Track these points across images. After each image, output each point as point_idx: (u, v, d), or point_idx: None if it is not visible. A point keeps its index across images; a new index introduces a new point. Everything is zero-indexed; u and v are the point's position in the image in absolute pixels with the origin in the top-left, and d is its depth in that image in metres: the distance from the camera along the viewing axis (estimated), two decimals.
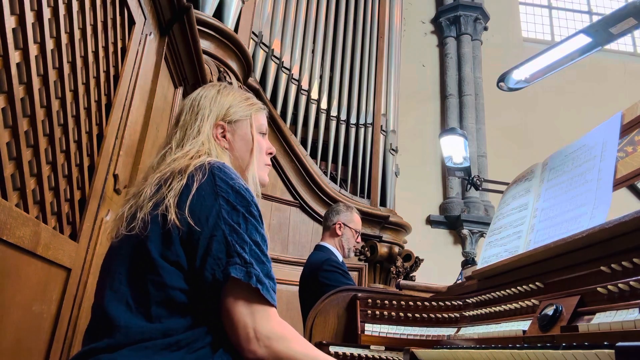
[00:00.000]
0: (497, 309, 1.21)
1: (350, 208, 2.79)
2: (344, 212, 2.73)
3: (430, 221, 6.74)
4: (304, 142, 4.21)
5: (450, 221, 6.69)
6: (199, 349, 0.87)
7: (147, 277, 0.88)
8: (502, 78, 2.39)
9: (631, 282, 0.81)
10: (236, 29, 2.69)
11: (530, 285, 1.13)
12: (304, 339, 0.93)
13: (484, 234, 5.87)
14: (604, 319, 0.82)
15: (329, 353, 1.46)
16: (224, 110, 1.13)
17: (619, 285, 0.84)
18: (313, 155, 4.25)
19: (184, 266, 0.89)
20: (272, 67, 4.07)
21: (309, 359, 0.89)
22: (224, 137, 1.12)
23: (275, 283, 0.93)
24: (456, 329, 1.38)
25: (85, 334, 0.93)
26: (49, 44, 0.99)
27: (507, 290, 1.20)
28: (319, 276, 2.43)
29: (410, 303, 1.50)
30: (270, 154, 1.23)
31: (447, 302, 1.47)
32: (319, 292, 2.38)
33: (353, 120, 4.60)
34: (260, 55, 3.98)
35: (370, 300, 1.53)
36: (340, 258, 2.64)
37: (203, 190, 0.91)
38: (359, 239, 2.77)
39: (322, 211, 3.94)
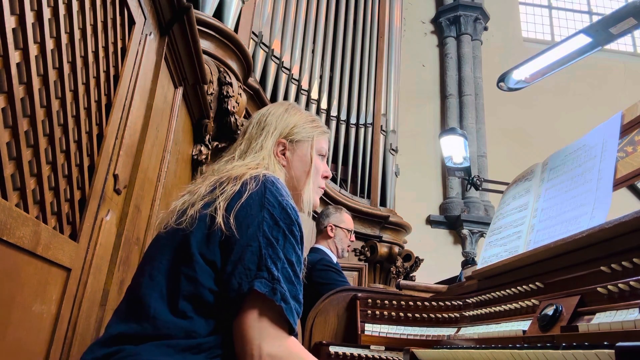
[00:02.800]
0: (497, 309, 1.21)
1: (339, 209, 2.89)
2: (334, 214, 2.82)
3: (430, 221, 6.74)
4: None
5: (450, 221, 6.70)
6: (217, 355, 0.86)
7: (181, 270, 0.89)
8: (502, 78, 2.39)
9: (631, 282, 0.81)
10: (236, 29, 2.69)
11: (530, 285, 1.13)
12: (313, 358, 0.90)
13: (484, 234, 5.87)
14: (604, 319, 0.82)
15: (328, 353, 1.46)
16: (288, 129, 1.16)
17: (619, 285, 0.84)
18: None
19: (217, 267, 0.90)
20: (272, 67, 4.07)
21: None
22: (284, 154, 1.15)
23: (302, 307, 0.91)
24: (456, 329, 1.38)
25: (115, 312, 0.95)
26: (49, 44, 0.99)
27: (507, 290, 1.20)
28: (312, 276, 2.46)
29: (410, 303, 1.50)
30: (326, 177, 1.24)
31: (447, 302, 1.47)
32: (314, 291, 2.40)
33: (353, 120, 4.60)
34: (260, 55, 3.98)
35: (370, 300, 1.53)
36: (335, 259, 2.69)
37: (252, 199, 0.93)
38: (353, 237, 2.85)
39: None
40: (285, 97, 4.15)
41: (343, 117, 4.57)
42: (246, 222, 0.90)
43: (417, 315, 1.48)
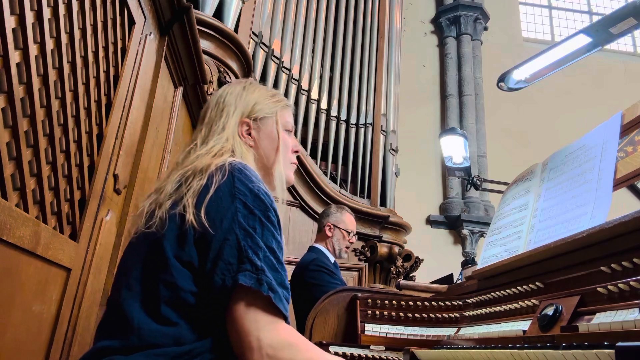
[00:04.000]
0: (497, 309, 1.21)
1: (341, 209, 2.81)
2: (334, 214, 2.76)
3: (430, 221, 6.74)
4: (304, 142, 4.21)
5: (450, 221, 6.70)
6: None
7: (159, 277, 0.86)
8: (502, 78, 2.39)
9: (631, 282, 0.81)
10: (236, 29, 2.69)
11: (530, 285, 1.13)
12: (312, 346, 0.89)
13: (484, 234, 5.87)
14: (604, 319, 0.82)
15: (328, 353, 1.46)
16: (249, 107, 1.11)
17: (619, 285, 0.84)
18: (313, 155, 4.25)
19: (195, 267, 0.87)
20: (272, 67, 4.07)
21: None
22: (249, 134, 1.11)
23: (290, 293, 0.90)
24: (456, 329, 1.38)
25: (98, 327, 0.92)
26: (49, 44, 0.99)
27: (507, 290, 1.20)
28: (305, 276, 2.44)
29: (410, 303, 1.50)
30: (297, 152, 1.21)
31: (447, 302, 1.47)
32: (306, 292, 2.40)
33: (353, 120, 4.60)
34: (260, 55, 3.98)
35: (370, 300, 1.53)
36: (332, 259, 2.65)
37: (221, 192, 0.89)
38: (353, 239, 2.78)
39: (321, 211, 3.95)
40: (285, 97, 4.15)
41: (343, 117, 4.57)
42: (219, 216, 0.87)
43: (417, 315, 1.48)
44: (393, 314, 1.49)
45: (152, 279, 0.87)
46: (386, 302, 1.51)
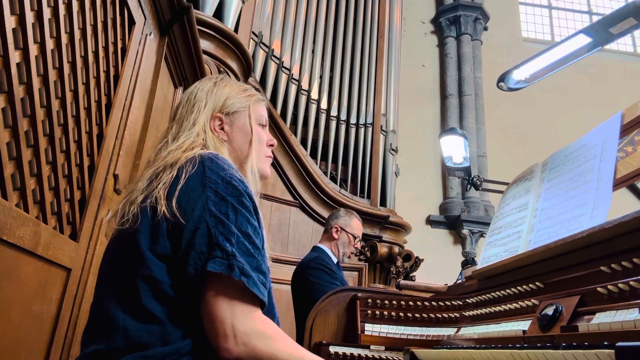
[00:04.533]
0: (497, 309, 1.21)
1: (350, 213, 2.81)
2: (343, 217, 2.76)
3: (430, 221, 6.74)
4: (304, 142, 4.21)
5: (450, 221, 6.69)
6: (199, 357, 0.83)
7: (136, 271, 0.85)
8: (502, 78, 2.39)
9: (631, 282, 0.81)
10: (236, 29, 2.69)
11: (530, 285, 1.13)
12: (289, 338, 0.88)
13: (484, 234, 5.87)
14: (604, 319, 0.82)
15: (328, 353, 1.46)
16: (220, 102, 1.10)
17: (619, 285, 0.84)
18: (313, 155, 4.25)
19: (171, 260, 0.86)
20: (272, 67, 4.07)
21: (293, 359, 0.83)
22: (222, 129, 1.10)
23: (268, 278, 0.88)
24: (456, 329, 1.38)
25: (84, 333, 0.91)
26: (49, 44, 0.99)
27: (507, 290, 1.20)
28: (305, 273, 2.44)
29: (410, 303, 1.50)
30: (272, 145, 1.20)
31: (447, 302, 1.47)
32: (305, 289, 2.40)
33: (353, 120, 4.60)
34: (260, 55, 3.98)
35: (370, 300, 1.53)
36: (335, 260, 2.65)
37: (191, 182, 0.88)
38: (358, 245, 2.77)
39: (322, 211, 3.94)
40: (286, 97, 4.15)
41: (343, 117, 4.57)
42: (190, 206, 0.86)
43: (417, 315, 1.48)
44: (393, 314, 1.49)
45: (129, 275, 0.86)
46: (386, 302, 1.51)
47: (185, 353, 0.82)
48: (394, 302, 1.51)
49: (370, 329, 1.48)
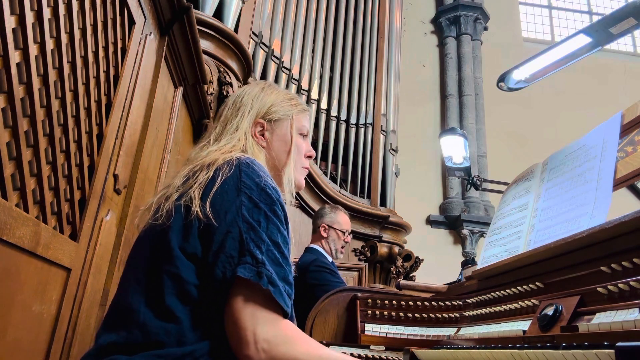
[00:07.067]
0: (497, 309, 1.21)
1: (335, 208, 2.81)
2: (328, 214, 2.76)
3: (430, 221, 6.74)
4: None
5: (450, 221, 6.69)
6: None
7: (163, 268, 0.86)
8: (502, 78, 2.39)
9: (631, 282, 0.81)
10: (236, 29, 2.69)
11: (530, 285, 1.13)
12: (309, 339, 0.87)
13: (484, 234, 5.87)
14: (604, 319, 0.82)
15: None
16: (265, 108, 1.11)
17: (619, 285, 0.84)
18: None
19: (199, 260, 0.86)
20: (272, 67, 4.07)
21: (311, 358, 0.83)
22: (263, 135, 1.10)
23: (293, 289, 0.88)
24: (456, 329, 1.38)
25: (103, 322, 0.92)
26: (49, 44, 0.99)
27: (507, 290, 1.20)
28: (306, 277, 2.44)
29: (410, 303, 1.50)
30: (310, 157, 1.20)
31: (447, 302, 1.47)
32: (309, 293, 2.39)
33: (353, 120, 4.60)
34: (260, 55, 3.98)
35: (370, 300, 1.53)
36: (330, 259, 2.66)
37: (227, 185, 0.89)
38: (348, 238, 2.78)
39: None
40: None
41: (343, 117, 4.57)
42: (224, 209, 0.87)
43: (417, 315, 1.48)
44: (393, 314, 1.49)
45: (156, 270, 0.87)
46: (386, 302, 1.51)
47: (200, 355, 0.81)
48: (394, 302, 1.51)
49: (370, 329, 1.48)
